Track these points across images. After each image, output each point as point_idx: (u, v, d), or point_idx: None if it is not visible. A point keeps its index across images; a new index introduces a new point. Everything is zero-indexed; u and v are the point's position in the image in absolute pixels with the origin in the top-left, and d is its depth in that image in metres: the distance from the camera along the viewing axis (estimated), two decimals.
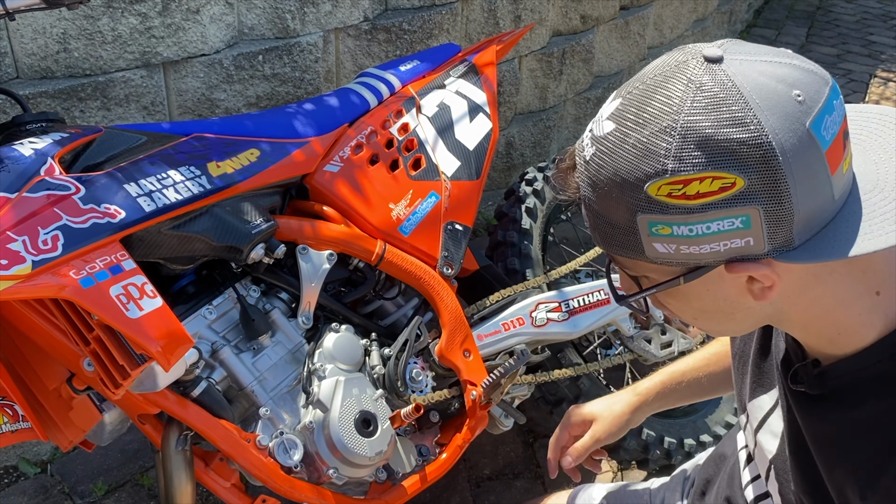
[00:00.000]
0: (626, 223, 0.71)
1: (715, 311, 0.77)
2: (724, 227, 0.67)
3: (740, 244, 0.68)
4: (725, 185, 0.65)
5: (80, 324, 1.18)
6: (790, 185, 0.65)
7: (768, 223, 0.67)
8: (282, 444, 1.40)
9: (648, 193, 0.68)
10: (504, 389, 1.61)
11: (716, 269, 0.72)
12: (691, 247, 0.69)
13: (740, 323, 0.80)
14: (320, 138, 1.63)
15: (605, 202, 0.72)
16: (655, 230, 0.69)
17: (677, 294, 0.77)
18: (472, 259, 1.92)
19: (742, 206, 0.66)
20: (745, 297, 0.74)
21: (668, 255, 0.71)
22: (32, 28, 1.81)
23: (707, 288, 0.74)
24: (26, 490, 1.98)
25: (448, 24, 2.73)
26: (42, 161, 1.20)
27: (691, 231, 0.68)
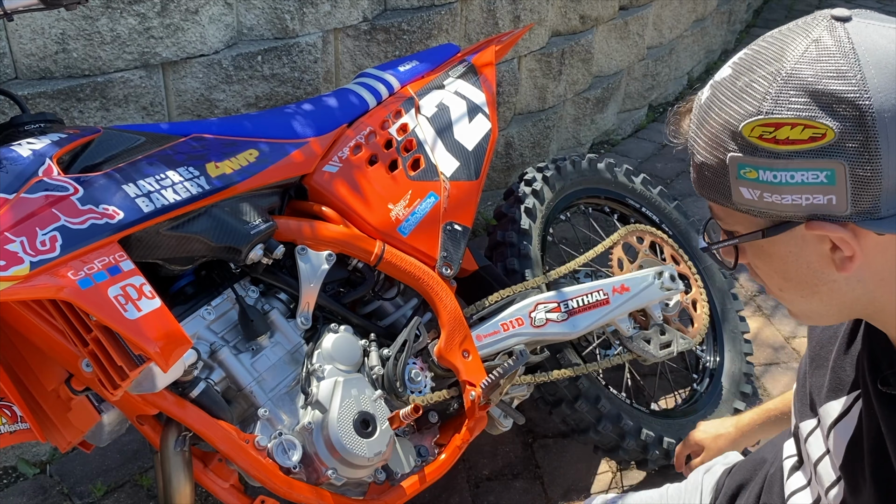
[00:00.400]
0: (720, 164, 0.72)
1: (798, 281, 0.76)
2: (807, 179, 0.67)
3: (822, 201, 0.68)
4: (816, 135, 0.65)
5: (78, 325, 1.18)
6: (882, 148, 0.64)
7: (853, 183, 0.66)
8: (280, 445, 1.40)
9: (742, 133, 0.69)
10: (503, 390, 1.61)
11: (798, 230, 0.71)
12: (774, 195, 0.69)
13: (826, 302, 0.76)
14: (319, 139, 1.63)
15: (706, 143, 0.73)
16: (743, 173, 0.70)
17: (762, 253, 0.77)
18: (472, 259, 1.92)
19: (829, 159, 0.66)
20: (827, 267, 0.72)
21: (753, 203, 0.71)
22: (31, 28, 1.81)
23: (789, 249, 0.74)
24: (25, 491, 1.98)
25: (447, 24, 2.73)
26: (40, 162, 1.20)
27: (775, 178, 0.68)
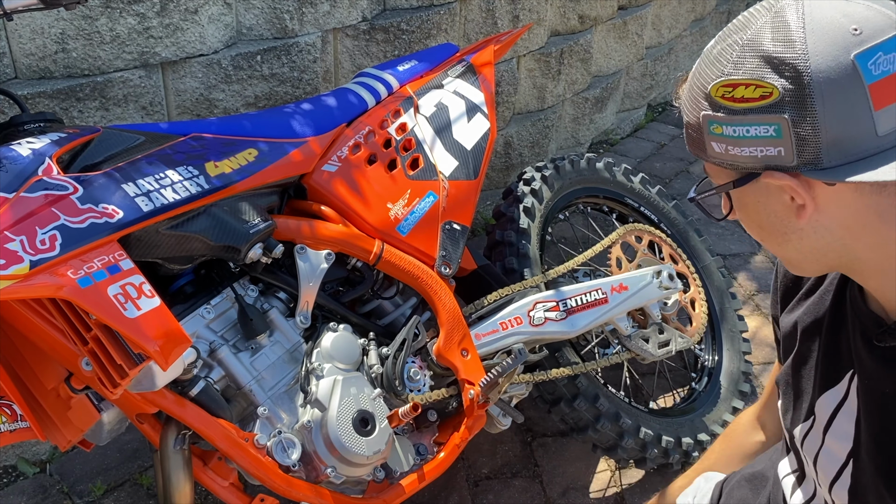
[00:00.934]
0: (697, 122, 0.83)
1: (771, 230, 0.85)
2: (759, 133, 0.77)
3: (773, 153, 0.77)
4: (765, 93, 0.76)
5: (78, 323, 1.18)
6: (817, 105, 0.73)
7: (796, 136, 0.75)
8: (280, 444, 1.40)
9: (710, 94, 0.80)
10: (502, 388, 1.61)
11: (761, 181, 0.80)
12: (735, 148, 0.79)
13: (799, 249, 0.84)
14: (318, 138, 1.63)
15: (689, 104, 0.84)
16: (712, 129, 0.81)
17: (740, 204, 0.86)
18: (470, 258, 1.92)
19: (775, 114, 0.75)
20: (790, 216, 0.81)
21: (721, 156, 0.82)
22: (30, 28, 1.82)
23: (757, 199, 0.83)
24: (25, 490, 1.98)
25: (446, 24, 2.74)
26: (40, 161, 1.20)
27: (735, 132, 0.79)
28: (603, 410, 1.92)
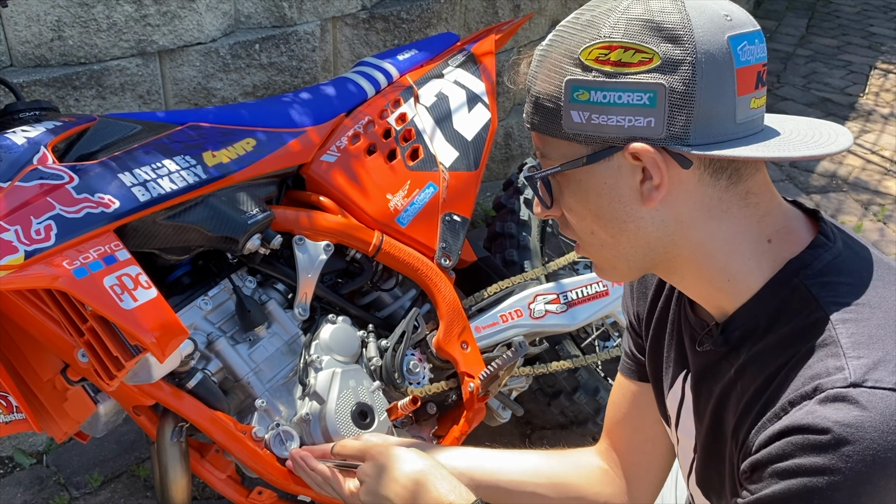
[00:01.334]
0: (555, 92, 0.78)
1: (610, 218, 0.81)
2: (632, 101, 0.75)
3: (643, 123, 0.75)
4: (644, 59, 0.74)
5: (73, 314, 1.16)
6: (697, 75, 0.73)
7: (670, 106, 0.74)
8: (278, 436, 1.39)
9: (580, 58, 0.76)
10: (502, 381, 1.60)
11: (616, 158, 0.78)
12: (601, 116, 0.76)
13: (632, 242, 0.82)
14: (317, 128, 1.61)
15: (545, 75, 0.80)
16: (576, 95, 0.77)
17: (580, 189, 0.82)
18: (470, 250, 1.91)
19: (653, 81, 0.74)
20: (636, 202, 0.79)
21: (581, 126, 0.77)
22: (26, 15, 1.80)
23: (605, 181, 0.79)
24: (22, 481, 1.97)
25: (446, 13, 2.71)
26: (35, 150, 1.19)
27: (605, 98, 0.75)
28: (603, 403, 1.91)
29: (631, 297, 1.08)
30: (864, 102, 4.58)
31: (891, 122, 4.36)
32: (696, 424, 0.94)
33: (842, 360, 0.72)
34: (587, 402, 1.91)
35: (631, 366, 1.11)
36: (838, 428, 0.68)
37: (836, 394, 0.70)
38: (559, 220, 0.88)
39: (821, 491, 0.69)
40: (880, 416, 0.68)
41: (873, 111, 4.47)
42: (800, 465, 0.70)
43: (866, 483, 0.68)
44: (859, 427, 0.68)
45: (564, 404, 1.93)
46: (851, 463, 0.68)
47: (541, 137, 0.83)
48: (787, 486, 0.71)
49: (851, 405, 0.69)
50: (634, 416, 1.12)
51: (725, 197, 0.79)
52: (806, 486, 0.70)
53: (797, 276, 0.79)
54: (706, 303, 0.87)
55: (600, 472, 1.15)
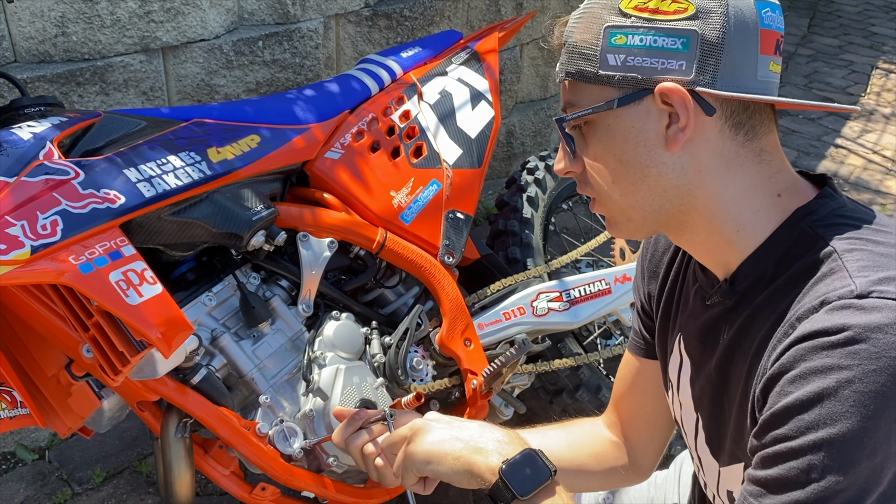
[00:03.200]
0: (593, 38, 0.83)
1: (633, 163, 0.85)
2: (667, 45, 0.80)
3: (675, 66, 0.81)
4: (680, 8, 0.80)
5: (79, 310, 1.17)
6: (727, 26, 0.79)
7: (701, 52, 0.80)
8: (282, 432, 1.39)
9: (620, 7, 0.82)
10: (505, 379, 1.60)
11: (645, 102, 0.82)
12: (636, 58, 0.81)
13: (652, 190, 0.85)
14: (321, 125, 1.61)
15: (585, 26, 0.85)
16: (613, 39, 0.82)
17: (608, 133, 0.85)
18: (473, 248, 1.91)
19: (687, 28, 0.80)
20: (661, 147, 0.83)
21: (616, 68, 0.82)
22: (30, 11, 1.79)
23: (633, 124, 0.83)
24: (24, 476, 1.98)
25: (449, 10, 2.71)
26: (41, 145, 1.19)
27: (641, 41, 0.81)
28: (605, 401, 1.91)
29: (642, 278, 1.12)
30: (866, 102, 4.58)
31: (892, 121, 4.36)
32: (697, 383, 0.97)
33: (848, 279, 0.75)
34: (589, 400, 1.91)
35: (639, 343, 1.16)
36: (847, 328, 0.71)
37: (842, 303, 0.73)
38: (578, 178, 0.92)
39: (833, 391, 0.70)
40: (885, 318, 0.70)
41: (875, 111, 4.47)
42: (811, 367, 0.72)
43: (875, 382, 0.69)
44: (867, 327, 0.70)
45: (567, 402, 1.94)
46: (860, 360, 0.70)
47: (573, 86, 0.87)
48: (800, 392, 0.72)
49: (858, 310, 0.71)
50: (640, 391, 1.17)
51: (742, 152, 0.84)
52: (818, 387, 0.71)
53: (803, 221, 0.83)
54: (714, 259, 0.90)
55: (610, 443, 1.21)
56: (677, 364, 1.02)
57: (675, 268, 1.04)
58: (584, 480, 1.20)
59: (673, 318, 1.03)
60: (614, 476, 1.20)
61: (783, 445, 0.74)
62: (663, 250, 1.06)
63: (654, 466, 1.22)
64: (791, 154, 3.90)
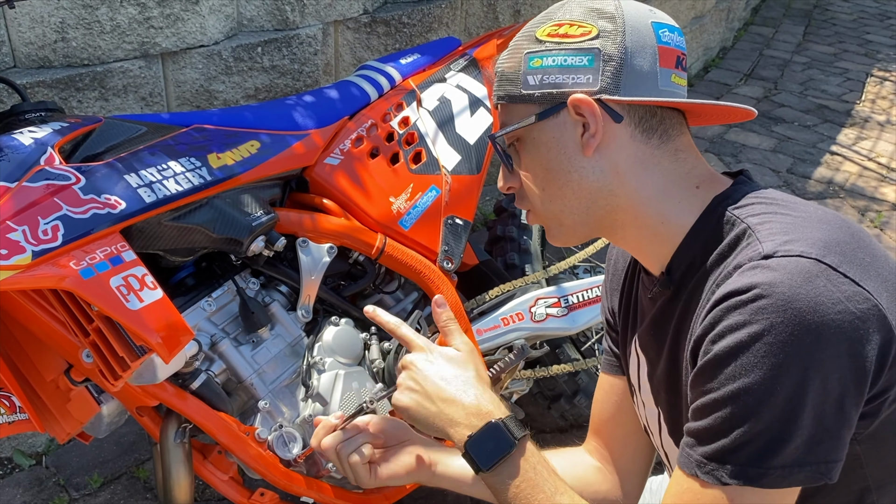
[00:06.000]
0: (515, 64, 0.95)
1: (557, 169, 0.94)
2: (575, 63, 0.91)
3: (583, 80, 0.91)
4: (585, 31, 0.92)
5: (79, 315, 1.17)
6: (626, 42, 0.90)
7: (604, 65, 0.90)
8: (281, 438, 1.39)
9: (537, 36, 0.94)
10: (503, 384, 1.60)
11: (562, 115, 0.92)
12: (550, 76, 0.92)
13: (577, 193, 0.95)
14: (320, 131, 1.62)
15: (510, 56, 0.97)
16: (532, 63, 0.94)
17: (534, 145, 0.96)
18: (472, 254, 1.91)
19: (591, 46, 0.91)
20: (578, 152, 0.93)
21: (534, 87, 0.93)
22: (30, 17, 1.80)
23: (553, 135, 0.93)
24: (21, 482, 1.97)
25: (447, 17, 2.72)
26: (42, 150, 1.19)
27: (554, 61, 0.92)
28: None
29: (606, 296, 1.18)
30: (861, 109, 4.60)
31: (887, 129, 4.38)
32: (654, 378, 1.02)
33: (758, 245, 0.83)
34: (587, 406, 1.91)
35: (612, 360, 1.19)
36: (754, 287, 0.78)
37: (752, 264, 0.80)
38: (517, 194, 1.01)
39: (746, 344, 0.78)
40: (788, 273, 0.77)
41: (870, 118, 4.50)
42: (727, 325, 0.79)
43: (783, 332, 0.76)
44: (771, 283, 0.77)
45: (565, 407, 1.94)
46: (767, 314, 0.76)
47: (504, 108, 0.98)
48: (718, 348, 0.80)
49: (765, 269, 0.79)
50: (619, 411, 1.19)
51: (657, 153, 0.93)
52: (733, 342, 0.78)
53: (721, 206, 0.91)
54: (649, 254, 0.98)
55: (595, 469, 1.22)
56: (636, 365, 1.08)
57: (629, 280, 1.10)
58: None
59: (630, 325, 1.09)
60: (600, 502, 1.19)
61: (708, 398, 0.82)
62: (622, 268, 1.13)
63: (639, 491, 1.22)
64: (787, 161, 3.91)
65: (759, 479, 0.79)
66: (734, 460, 0.79)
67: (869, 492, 0.91)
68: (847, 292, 0.77)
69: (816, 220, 0.85)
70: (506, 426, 0.93)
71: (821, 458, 0.78)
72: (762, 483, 0.79)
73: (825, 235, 0.82)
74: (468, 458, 0.94)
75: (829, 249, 0.80)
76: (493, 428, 0.93)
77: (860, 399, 0.79)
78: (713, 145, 4.04)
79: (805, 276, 0.77)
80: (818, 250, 0.79)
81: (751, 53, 5.35)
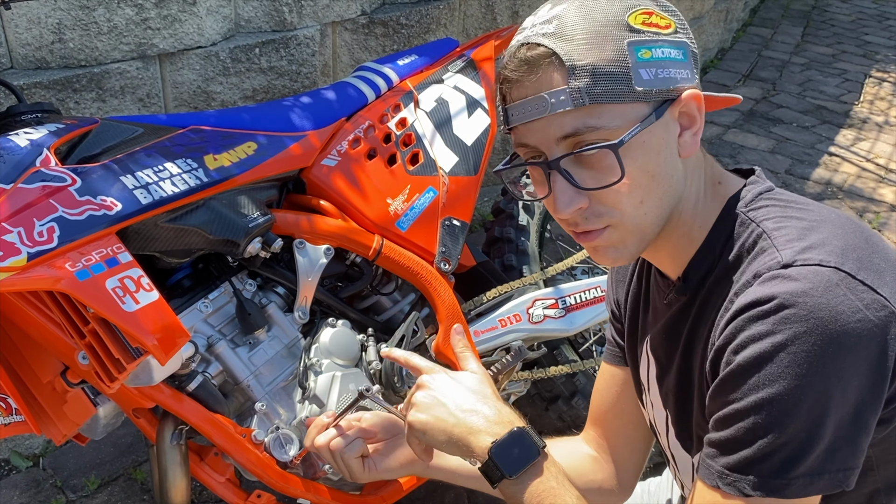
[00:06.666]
0: (616, 57, 0.81)
1: (663, 175, 0.86)
2: (674, 55, 0.84)
3: (685, 75, 0.85)
4: (668, 24, 0.84)
5: (75, 317, 1.16)
6: (690, 34, 0.87)
7: (692, 58, 0.86)
8: (278, 439, 1.39)
9: (630, 23, 0.82)
10: (501, 386, 1.60)
11: (667, 115, 0.84)
12: (664, 70, 0.83)
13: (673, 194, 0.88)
14: (318, 132, 1.62)
15: (590, 50, 0.81)
16: (640, 54, 0.82)
17: (644, 151, 0.84)
18: (469, 255, 1.91)
19: (681, 40, 0.85)
20: (675, 155, 0.87)
21: (650, 82, 0.82)
22: (27, 18, 1.80)
23: (662, 137, 0.84)
24: (18, 484, 1.97)
25: (445, 18, 2.72)
26: (38, 152, 1.19)
27: (664, 53, 0.83)
28: None
29: (612, 286, 1.16)
30: (859, 110, 4.60)
31: (885, 130, 4.38)
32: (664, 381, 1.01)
33: (776, 253, 0.81)
34: (585, 407, 1.91)
35: (614, 351, 1.18)
36: (776, 297, 0.77)
37: (771, 274, 0.79)
38: (589, 211, 0.86)
39: (769, 355, 0.77)
40: (809, 283, 0.77)
41: (868, 119, 4.50)
42: (749, 335, 0.78)
43: (806, 342, 0.75)
44: (793, 293, 0.76)
45: (562, 409, 1.94)
46: (790, 324, 0.76)
47: (592, 110, 0.81)
48: (741, 359, 0.79)
49: (786, 279, 0.78)
50: (617, 401, 1.19)
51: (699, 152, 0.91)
52: (756, 352, 0.78)
53: (735, 209, 0.89)
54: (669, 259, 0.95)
55: (591, 458, 1.21)
56: (646, 366, 1.06)
57: (637, 273, 1.08)
58: None
59: (641, 322, 1.08)
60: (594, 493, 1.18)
61: (730, 408, 0.80)
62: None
63: (634, 483, 1.22)
64: (785, 162, 3.91)
65: (781, 490, 0.78)
66: (757, 471, 0.79)
67: (879, 494, 0.91)
68: (866, 300, 0.77)
69: (831, 224, 0.84)
70: (530, 434, 0.91)
71: (840, 466, 0.78)
72: (785, 493, 0.78)
73: (841, 241, 0.81)
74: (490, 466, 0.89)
75: (847, 256, 0.79)
76: (517, 434, 0.90)
77: (878, 406, 0.79)
78: (711, 146, 4.04)
79: (825, 285, 0.76)
80: (836, 258, 0.79)
81: (749, 54, 5.35)
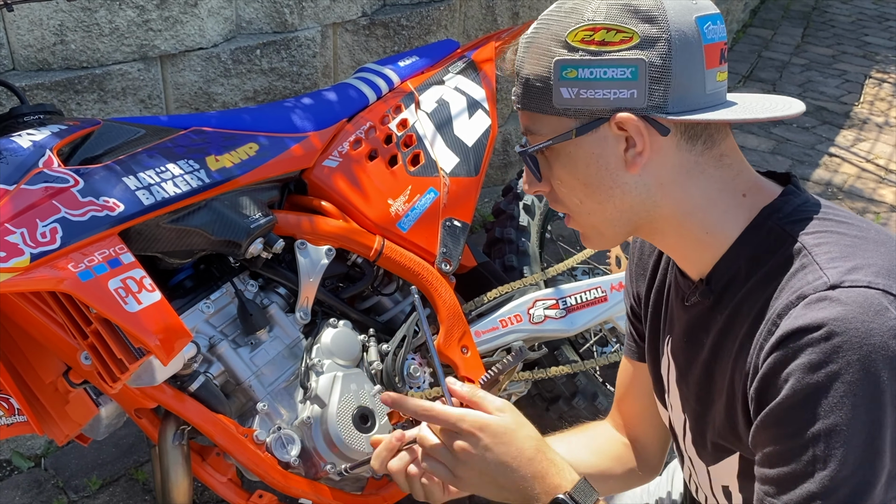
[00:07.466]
0: (544, 72, 0.84)
1: (597, 185, 0.87)
2: (616, 75, 0.82)
3: (626, 95, 0.82)
4: (625, 38, 0.81)
5: (77, 317, 1.17)
6: (672, 50, 0.81)
7: (650, 79, 0.81)
8: (279, 439, 1.39)
9: (567, 40, 0.83)
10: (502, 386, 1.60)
11: (602, 129, 0.84)
12: (589, 91, 0.82)
13: (618, 206, 0.88)
14: (319, 133, 1.62)
15: (533, 58, 0.86)
16: (565, 73, 0.83)
17: (570, 160, 0.87)
18: (470, 256, 1.92)
19: (634, 57, 0.81)
20: (621, 168, 0.85)
21: (570, 102, 0.84)
22: (29, 19, 1.80)
23: (593, 150, 0.85)
24: (20, 484, 1.97)
25: (446, 20, 2.73)
26: (40, 153, 1.19)
27: (591, 74, 0.82)
28: (601, 409, 1.92)
29: (631, 280, 1.14)
30: (859, 111, 4.61)
31: (885, 130, 4.39)
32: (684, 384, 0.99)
33: (819, 272, 0.78)
34: (585, 408, 1.91)
35: (632, 346, 1.18)
36: (825, 324, 0.74)
37: (818, 296, 0.76)
38: (548, 196, 0.93)
39: (823, 386, 0.74)
40: (860, 308, 0.74)
41: (868, 120, 4.50)
42: (799, 365, 0.75)
43: (860, 370, 0.73)
44: (843, 319, 0.74)
45: (563, 409, 1.94)
46: (843, 352, 0.73)
47: (530, 116, 0.88)
48: (793, 389, 0.76)
49: (833, 302, 0.75)
50: (639, 393, 1.19)
51: (701, 160, 0.86)
52: (809, 383, 0.75)
53: (770, 219, 0.86)
54: (689, 260, 0.93)
55: (623, 444, 1.23)
56: (667, 368, 1.05)
57: (660, 270, 1.06)
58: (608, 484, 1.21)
59: (662, 320, 1.06)
60: (632, 477, 1.21)
61: (786, 443, 0.77)
62: (649, 252, 1.08)
63: (661, 463, 1.24)
64: (785, 163, 3.92)
65: None
66: None
67: None
68: None
69: (873, 241, 0.82)
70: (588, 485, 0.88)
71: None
72: None
73: (887, 261, 0.79)
74: None
75: (893, 276, 0.77)
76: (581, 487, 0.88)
77: None
78: None
79: (876, 309, 0.74)
80: (884, 280, 0.77)
81: (749, 55, 5.36)
